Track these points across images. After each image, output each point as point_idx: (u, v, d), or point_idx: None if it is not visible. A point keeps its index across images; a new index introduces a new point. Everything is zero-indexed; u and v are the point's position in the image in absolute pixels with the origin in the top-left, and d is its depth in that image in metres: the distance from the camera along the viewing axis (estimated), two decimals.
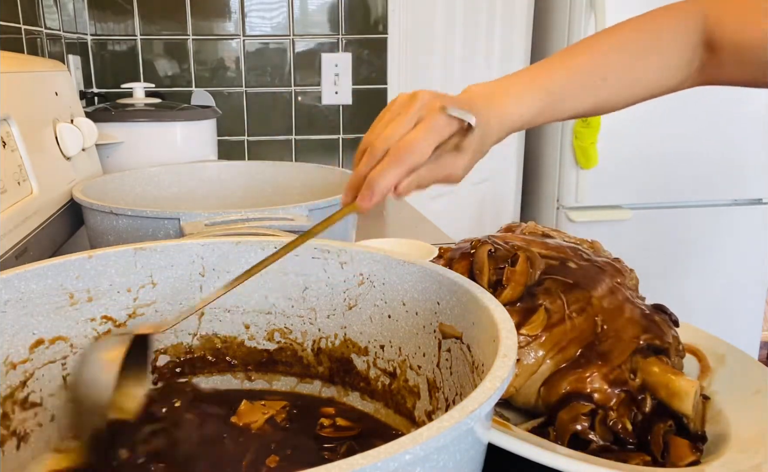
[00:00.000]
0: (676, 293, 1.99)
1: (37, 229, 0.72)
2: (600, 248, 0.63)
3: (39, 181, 0.74)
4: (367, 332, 0.49)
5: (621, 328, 0.52)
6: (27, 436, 0.43)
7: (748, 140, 1.91)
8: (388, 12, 1.64)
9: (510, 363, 0.31)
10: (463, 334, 0.41)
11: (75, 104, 0.96)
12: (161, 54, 1.57)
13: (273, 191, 1.03)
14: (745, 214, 2.00)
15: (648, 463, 0.47)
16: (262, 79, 1.63)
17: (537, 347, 0.51)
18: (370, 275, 0.48)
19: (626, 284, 0.58)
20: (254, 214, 0.68)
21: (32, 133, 0.75)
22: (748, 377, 0.54)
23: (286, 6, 1.59)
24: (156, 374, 0.50)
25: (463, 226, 1.94)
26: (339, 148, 1.70)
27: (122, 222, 0.70)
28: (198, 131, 1.26)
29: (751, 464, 0.43)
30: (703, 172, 1.94)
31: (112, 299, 0.47)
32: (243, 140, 1.65)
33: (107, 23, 1.53)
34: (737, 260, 2.02)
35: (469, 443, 0.28)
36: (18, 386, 0.43)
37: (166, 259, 0.49)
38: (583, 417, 0.49)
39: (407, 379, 0.47)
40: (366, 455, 0.22)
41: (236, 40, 1.59)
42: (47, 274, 0.44)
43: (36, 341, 0.44)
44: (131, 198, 0.93)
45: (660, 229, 1.97)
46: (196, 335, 0.51)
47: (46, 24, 1.19)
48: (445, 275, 0.43)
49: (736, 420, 0.50)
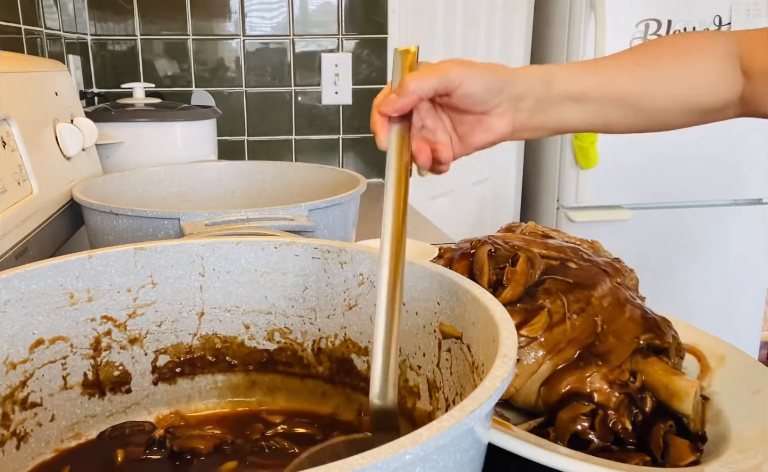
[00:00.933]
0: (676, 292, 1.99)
1: (37, 229, 0.72)
2: (600, 248, 0.63)
3: (39, 181, 0.74)
4: (367, 332, 0.49)
5: (621, 328, 0.52)
6: (27, 436, 0.43)
7: (748, 140, 1.91)
8: (388, 12, 1.64)
9: (510, 363, 0.31)
10: (463, 334, 0.41)
11: (75, 104, 0.96)
12: (161, 54, 1.57)
13: (273, 191, 1.03)
14: (745, 214, 2.00)
15: (648, 463, 0.47)
16: (262, 79, 1.63)
17: (537, 347, 0.51)
18: (370, 275, 0.48)
19: (626, 284, 0.58)
20: (254, 214, 0.68)
21: (32, 133, 0.75)
22: (748, 377, 0.54)
23: (286, 6, 1.59)
24: (156, 374, 0.50)
25: (463, 226, 1.94)
26: (339, 148, 1.70)
27: (122, 222, 0.70)
28: (198, 131, 1.26)
29: (751, 464, 0.43)
30: (703, 172, 1.94)
31: (112, 299, 0.47)
32: (243, 140, 1.65)
33: (107, 23, 1.53)
34: (737, 260, 2.02)
35: (469, 443, 0.28)
36: (18, 386, 0.43)
37: (166, 259, 0.49)
38: (583, 417, 0.49)
39: (407, 379, 0.47)
40: (366, 455, 0.22)
41: (236, 40, 1.59)
42: (47, 274, 0.44)
43: (36, 341, 0.44)
44: (131, 198, 0.93)
45: (660, 229, 1.97)
46: (196, 334, 0.51)
47: (46, 24, 1.19)
48: (445, 275, 0.43)
49: (736, 420, 0.50)
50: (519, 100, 0.54)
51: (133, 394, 0.50)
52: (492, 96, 0.53)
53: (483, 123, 0.55)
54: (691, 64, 0.58)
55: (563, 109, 0.56)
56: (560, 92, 0.55)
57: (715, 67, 0.58)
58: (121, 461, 0.45)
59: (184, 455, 0.45)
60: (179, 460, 0.45)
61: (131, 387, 0.49)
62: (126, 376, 0.49)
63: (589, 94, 0.56)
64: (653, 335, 0.52)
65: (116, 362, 0.48)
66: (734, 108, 0.59)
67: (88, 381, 0.47)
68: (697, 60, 0.58)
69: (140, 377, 0.50)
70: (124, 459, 0.45)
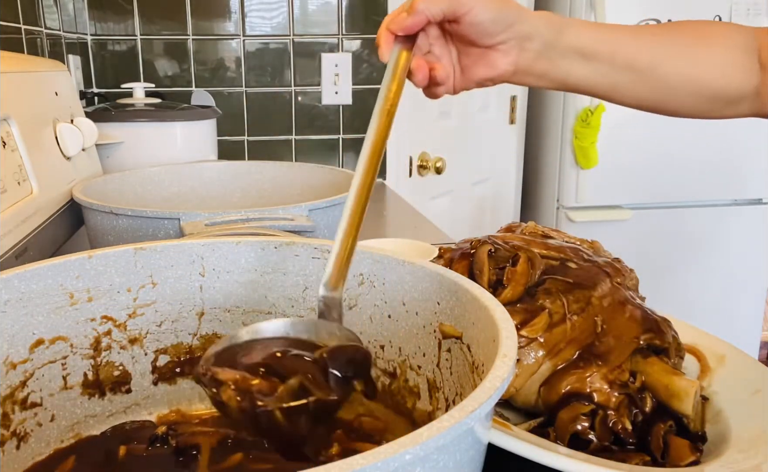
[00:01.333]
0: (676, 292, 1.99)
1: (37, 229, 0.72)
2: (600, 248, 0.63)
3: (39, 181, 0.74)
4: (367, 332, 0.49)
5: (621, 328, 0.52)
6: (27, 436, 0.44)
7: (748, 140, 1.91)
8: (388, 12, 1.64)
9: (510, 363, 0.31)
10: (463, 334, 0.41)
11: (75, 104, 0.96)
12: (161, 54, 1.57)
13: (273, 191, 1.03)
14: (745, 214, 2.00)
15: (648, 463, 0.47)
16: (262, 79, 1.63)
17: (537, 347, 0.51)
18: (370, 275, 0.48)
19: (626, 284, 0.58)
20: (254, 214, 0.68)
21: (32, 133, 0.75)
22: (748, 377, 0.54)
23: (286, 6, 1.59)
24: (156, 374, 0.50)
25: (463, 226, 1.94)
26: (339, 148, 1.70)
27: (122, 222, 0.70)
28: (198, 131, 1.26)
29: (751, 464, 0.43)
30: (703, 172, 1.94)
31: (112, 299, 0.47)
32: (243, 140, 1.65)
33: (107, 23, 1.53)
34: (737, 260, 2.02)
35: (469, 443, 0.28)
36: (18, 386, 0.43)
37: (166, 259, 0.49)
38: (583, 417, 0.49)
39: (407, 379, 0.47)
40: (366, 455, 0.22)
41: (236, 40, 1.59)
42: (47, 274, 0.44)
43: (36, 341, 0.44)
44: (131, 198, 0.93)
45: (660, 229, 1.97)
46: (196, 334, 0.51)
47: (46, 24, 1.19)
48: (445, 275, 0.43)
49: (736, 420, 0.50)
50: (526, 40, 0.55)
51: (133, 394, 0.50)
52: (500, 29, 0.53)
53: (487, 57, 0.55)
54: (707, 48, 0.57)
55: (570, 63, 0.56)
56: (569, 44, 0.56)
57: (732, 55, 0.57)
58: (123, 455, 0.45)
59: (188, 451, 0.45)
60: (183, 455, 0.45)
61: (131, 387, 0.49)
62: (126, 376, 0.49)
63: (599, 53, 0.56)
64: (653, 335, 0.52)
65: (116, 362, 0.48)
66: (748, 102, 0.58)
67: (88, 381, 0.47)
68: (714, 45, 0.57)
69: (140, 377, 0.50)
70: (127, 455, 0.45)
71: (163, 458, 0.45)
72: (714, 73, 0.57)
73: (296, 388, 0.35)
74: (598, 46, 0.56)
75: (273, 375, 0.36)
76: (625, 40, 0.57)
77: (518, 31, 0.54)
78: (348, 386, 0.37)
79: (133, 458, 0.45)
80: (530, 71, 0.57)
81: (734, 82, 0.57)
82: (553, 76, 0.57)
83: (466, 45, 0.56)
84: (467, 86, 0.58)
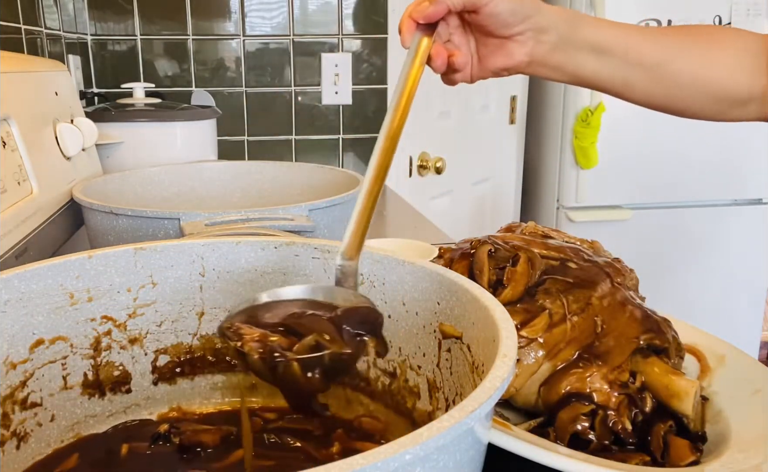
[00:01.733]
0: (676, 293, 1.99)
1: (37, 229, 0.72)
2: (600, 248, 0.63)
3: (39, 181, 0.74)
4: None
5: (621, 328, 0.52)
6: (27, 436, 0.43)
7: (748, 140, 1.91)
8: (388, 12, 1.64)
9: (510, 363, 0.31)
10: (463, 334, 0.41)
11: (75, 104, 0.96)
12: (161, 54, 1.57)
13: (273, 191, 1.03)
14: (745, 214, 2.00)
15: (648, 463, 0.47)
16: (262, 79, 1.63)
17: (537, 347, 0.51)
18: (370, 275, 0.48)
19: (626, 284, 0.58)
20: (254, 214, 0.68)
21: (32, 133, 0.75)
22: (748, 377, 0.54)
23: (286, 6, 1.59)
24: (156, 374, 0.50)
25: (463, 226, 1.94)
26: (339, 148, 1.70)
27: (122, 222, 0.70)
28: (198, 131, 1.26)
29: (751, 464, 0.43)
30: (703, 172, 1.94)
31: (112, 299, 0.47)
32: (243, 140, 1.65)
33: (107, 23, 1.53)
34: (737, 260, 2.02)
35: (469, 443, 0.28)
36: (18, 386, 0.43)
37: (166, 259, 0.49)
38: (583, 417, 0.49)
39: (407, 379, 0.47)
40: (366, 455, 0.22)
41: (236, 40, 1.59)
42: (47, 274, 0.44)
43: (36, 341, 0.44)
44: (131, 198, 0.93)
45: (660, 229, 1.97)
46: (196, 334, 0.51)
47: (46, 24, 1.19)
48: (445, 275, 0.43)
49: (736, 420, 0.50)
50: (542, 33, 0.57)
51: (133, 394, 0.50)
52: (517, 21, 0.55)
53: (504, 47, 0.57)
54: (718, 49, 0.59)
55: (584, 57, 0.58)
56: (584, 38, 0.58)
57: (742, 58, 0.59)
58: (126, 453, 0.45)
59: (191, 448, 0.45)
60: (186, 452, 0.45)
61: (131, 387, 0.49)
62: (126, 376, 0.49)
63: (612, 48, 0.58)
64: (653, 335, 0.52)
65: (116, 362, 0.48)
66: (755, 105, 0.60)
67: (88, 381, 0.47)
68: (725, 47, 0.59)
69: (140, 377, 0.50)
70: (129, 453, 0.45)
71: (166, 455, 0.45)
72: (723, 73, 0.59)
73: (312, 344, 0.37)
74: (612, 42, 0.58)
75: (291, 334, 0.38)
76: (638, 37, 0.59)
77: (535, 24, 0.56)
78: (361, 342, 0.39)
79: (136, 456, 0.45)
80: (545, 63, 0.58)
81: (743, 84, 0.58)
82: (567, 69, 0.59)
83: (484, 35, 0.58)
84: (484, 75, 0.60)
